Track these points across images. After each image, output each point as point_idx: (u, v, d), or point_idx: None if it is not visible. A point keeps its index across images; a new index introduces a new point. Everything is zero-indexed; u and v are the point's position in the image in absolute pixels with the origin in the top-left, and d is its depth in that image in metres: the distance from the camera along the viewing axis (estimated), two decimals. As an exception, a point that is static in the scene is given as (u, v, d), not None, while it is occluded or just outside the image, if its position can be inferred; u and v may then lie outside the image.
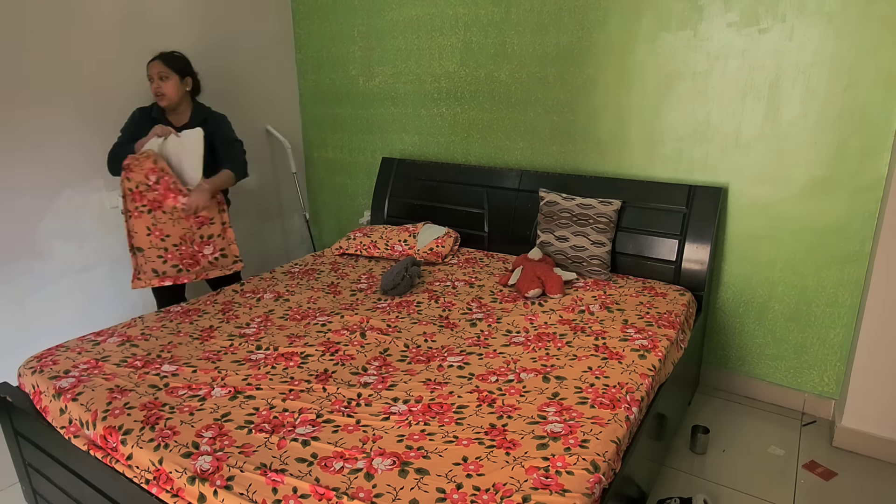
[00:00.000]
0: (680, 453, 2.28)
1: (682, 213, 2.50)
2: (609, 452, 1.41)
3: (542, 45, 2.78)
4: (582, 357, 1.86)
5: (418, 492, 1.27)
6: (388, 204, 3.31)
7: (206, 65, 3.14)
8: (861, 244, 2.27)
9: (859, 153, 2.20)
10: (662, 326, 2.07)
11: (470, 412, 1.58)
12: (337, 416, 1.56)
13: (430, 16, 3.08)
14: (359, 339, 2.02)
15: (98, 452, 1.52)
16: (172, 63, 2.48)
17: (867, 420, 2.25)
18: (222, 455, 1.39)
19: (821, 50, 2.19)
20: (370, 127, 3.50)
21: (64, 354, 1.88)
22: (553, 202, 2.66)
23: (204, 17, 3.09)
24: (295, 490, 1.28)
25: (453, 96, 3.12)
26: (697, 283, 2.46)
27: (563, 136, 2.84)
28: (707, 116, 2.46)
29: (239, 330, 2.09)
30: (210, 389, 1.69)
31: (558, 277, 2.37)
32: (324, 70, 3.58)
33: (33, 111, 2.49)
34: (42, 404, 1.73)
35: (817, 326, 2.43)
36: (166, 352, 1.92)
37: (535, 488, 1.27)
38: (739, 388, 2.68)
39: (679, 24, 2.43)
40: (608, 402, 1.61)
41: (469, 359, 1.87)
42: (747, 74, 2.34)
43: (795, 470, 2.19)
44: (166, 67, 2.45)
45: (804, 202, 2.34)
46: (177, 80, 2.48)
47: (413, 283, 2.46)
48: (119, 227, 2.88)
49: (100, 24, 2.66)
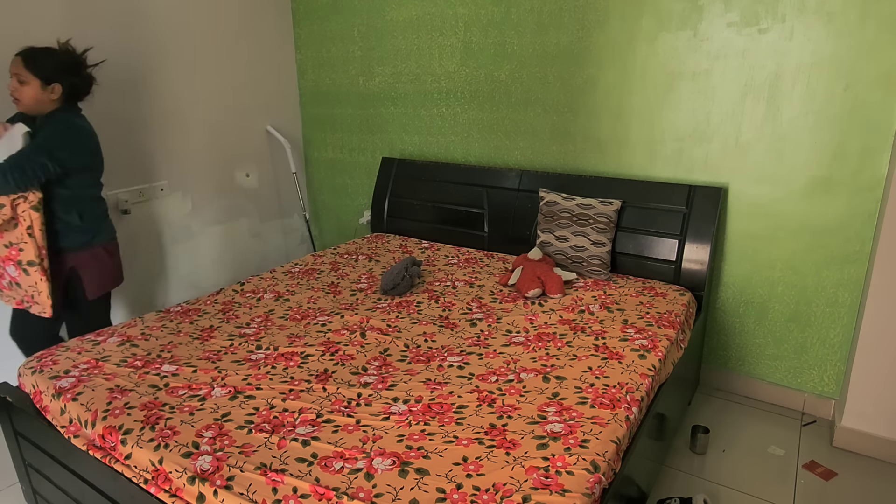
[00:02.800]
0: (680, 453, 2.28)
1: (682, 213, 2.50)
2: (609, 452, 1.41)
3: (542, 45, 2.78)
4: (582, 357, 1.86)
5: (418, 492, 1.27)
6: (388, 204, 3.31)
7: (206, 65, 3.15)
8: (861, 244, 2.27)
9: (859, 153, 2.20)
10: (662, 326, 2.07)
11: (470, 412, 1.58)
12: (337, 416, 1.56)
13: (430, 16, 3.08)
14: (359, 338, 2.02)
15: (98, 453, 1.52)
16: (34, 65, 2.00)
17: (867, 420, 2.25)
18: (222, 455, 1.39)
19: (821, 50, 2.19)
20: (370, 127, 3.50)
21: (64, 354, 1.88)
22: (553, 202, 2.66)
23: (204, 17, 3.09)
24: (295, 490, 1.28)
25: (453, 96, 3.12)
26: (697, 283, 2.46)
27: (563, 136, 2.84)
28: (707, 116, 2.46)
29: (239, 330, 2.09)
30: (210, 389, 1.69)
31: (558, 277, 2.37)
32: (324, 70, 3.58)
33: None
34: (42, 404, 1.73)
35: (817, 326, 2.43)
36: (166, 352, 1.92)
37: (535, 488, 1.27)
38: (739, 388, 2.68)
39: (679, 24, 2.43)
40: (608, 402, 1.61)
41: (469, 359, 1.87)
42: (747, 74, 2.34)
43: (795, 470, 2.19)
44: (25, 69, 1.99)
45: (804, 202, 2.34)
46: (37, 85, 2.01)
47: (413, 283, 2.46)
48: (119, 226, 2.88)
49: (98, 23, 2.65)
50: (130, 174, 2.89)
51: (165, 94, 2.98)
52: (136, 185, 2.92)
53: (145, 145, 2.93)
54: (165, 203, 3.08)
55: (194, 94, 3.12)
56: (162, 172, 3.03)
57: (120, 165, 2.82)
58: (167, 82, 2.98)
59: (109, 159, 2.78)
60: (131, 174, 2.89)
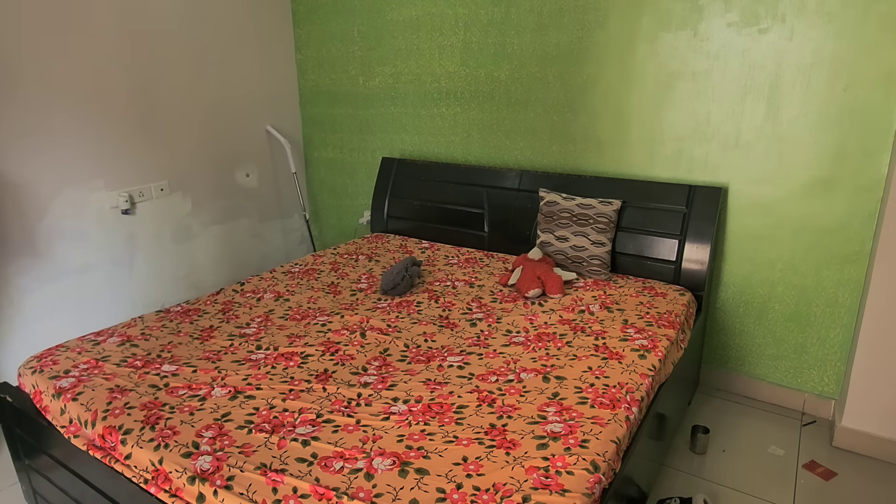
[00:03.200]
0: (680, 453, 2.28)
1: (682, 212, 2.50)
2: (609, 452, 1.41)
3: (542, 45, 2.78)
4: (582, 357, 1.86)
5: (418, 492, 1.27)
6: (388, 204, 3.31)
7: (206, 65, 3.15)
8: (861, 244, 2.27)
9: (859, 153, 2.20)
10: (662, 326, 2.07)
11: (470, 412, 1.58)
12: (337, 416, 1.56)
13: (430, 16, 3.08)
14: (359, 338, 2.02)
15: (98, 453, 1.52)
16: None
17: (867, 420, 2.25)
18: (222, 455, 1.39)
19: (821, 50, 2.19)
20: (370, 127, 3.50)
21: (64, 354, 1.88)
22: (553, 202, 2.66)
23: (204, 17, 3.09)
24: (295, 490, 1.28)
25: (453, 96, 3.13)
26: (697, 283, 2.46)
27: (563, 136, 2.84)
28: (707, 116, 2.46)
29: (239, 330, 2.09)
30: (210, 389, 1.69)
31: (558, 277, 2.37)
32: (324, 70, 3.58)
33: (34, 110, 2.49)
34: (42, 404, 1.73)
35: (817, 326, 2.43)
36: (166, 352, 1.92)
37: (535, 488, 1.27)
38: (739, 388, 2.68)
39: (679, 23, 2.43)
40: (608, 402, 1.61)
41: (469, 359, 1.87)
42: (747, 74, 2.34)
43: (795, 470, 2.19)
44: None
45: (804, 202, 2.34)
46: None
47: (413, 283, 2.46)
48: (119, 226, 2.89)
49: (98, 24, 2.66)
50: (130, 174, 2.89)
51: (166, 94, 2.98)
52: (136, 185, 2.92)
53: (145, 145, 2.93)
54: (165, 203, 3.08)
55: (194, 94, 3.12)
56: (162, 172, 3.03)
57: (120, 165, 2.83)
58: (167, 82, 2.98)
59: (110, 159, 2.80)
60: (131, 174, 2.89)
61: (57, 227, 2.65)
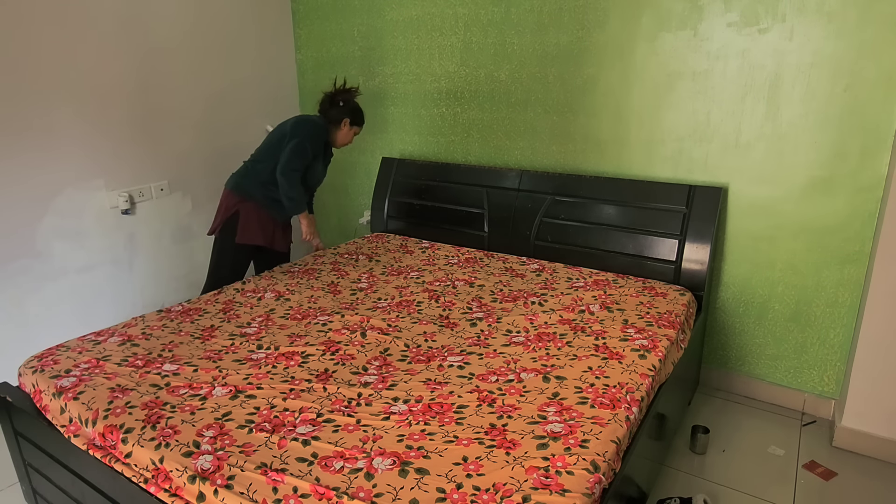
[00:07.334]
0: (680, 453, 2.28)
1: (682, 213, 2.50)
2: (609, 452, 1.41)
3: (542, 45, 2.78)
4: (582, 357, 1.86)
5: (418, 492, 1.27)
6: (388, 204, 3.31)
7: (206, 65, 3.15)
8: (861, 244, 2.27)
9: (859, 153, 2.20)
10: (662, 326, 2.07)
11: (470, 412, 1.58)
12: (337, 416, 1.56)
13: (430, 16, 3.08)
14: (359, 338, 2.02)
15: (98, 452, 1.52)
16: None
17: (867, 420, 2.25)
18: (223, 454, 1.39)
19: (821, 50, 2.19)
20: (370, 127, 3.49)
21: (65, 354, 1.88)
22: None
23: (203, 17, 3.09)
24: (295, 489, 1.28)
25: (453, 96, 3.12)
26: (697, 283, 2.46)
27: (563, 136, 2.84)
28: (707, 116, 2.46)
29: (240, 329, 2.09)
30: (211, 389, 1.69)
31: None
32: (324, 70, 3.58)
33: (34, 110, 2.49)
34: (42, 403, 1.73)
35: (817, 326, 2.43)
36: (167, 351, 1.92)
37: (535, 488, 1.27)
38: (739, 388, 2.68)
39: (679, 23, 2.43)
40: (608, 402, 1.61)
41: (469, 359, 1.87)
42: (747, 74, 2.34)
43: (795, 470, 2.19)
44: None
45: (804, 202, 2.34)
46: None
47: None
48: (119, 226, 2.89)
49: (99, 24, 2.66)
50: (130, 174, 2.89)
51: (166, 94, 2.98)
52: (136, 185, 2.92)
53: (145, 145, 2.93)
54: (165, 203, 3.08)
55: (194, 94, 3.12)
56: (162, 172, 3.03)
57: (120, 165, 2.83)
58: (167, 82, 2.98)
59: (110, 159, 2.80)
60: (131, 174, 2.89)
61: (57, 227, 2.65)
